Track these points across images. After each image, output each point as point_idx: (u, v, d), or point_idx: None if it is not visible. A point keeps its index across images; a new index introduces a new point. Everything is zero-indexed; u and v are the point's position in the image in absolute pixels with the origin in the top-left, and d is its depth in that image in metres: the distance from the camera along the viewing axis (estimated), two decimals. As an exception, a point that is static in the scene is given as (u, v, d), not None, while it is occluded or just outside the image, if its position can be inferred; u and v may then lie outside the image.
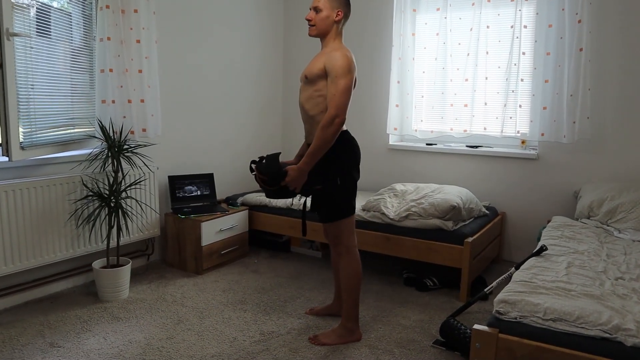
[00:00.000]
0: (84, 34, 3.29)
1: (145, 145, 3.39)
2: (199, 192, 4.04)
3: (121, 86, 3.32)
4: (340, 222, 2.68)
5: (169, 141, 3.93)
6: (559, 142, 3.72)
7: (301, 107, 2.68)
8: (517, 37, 3.82)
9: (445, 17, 4.09)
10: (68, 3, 3.20)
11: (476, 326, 2.03)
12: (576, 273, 2.37)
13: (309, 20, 2.64)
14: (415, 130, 4.36)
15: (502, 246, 4.12)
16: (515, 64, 3.85)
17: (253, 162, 2.67)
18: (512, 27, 3.83)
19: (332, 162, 2.59)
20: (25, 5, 2.85)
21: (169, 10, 3.82)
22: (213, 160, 4.37)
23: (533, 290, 2.13)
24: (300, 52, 4.98)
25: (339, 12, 2.60)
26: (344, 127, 2.66)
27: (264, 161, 2.62)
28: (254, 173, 2.66)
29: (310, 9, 2.65)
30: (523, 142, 4.06)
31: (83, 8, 3.28)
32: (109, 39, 3.20)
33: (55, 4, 3.11)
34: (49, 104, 3.06)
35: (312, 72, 2.57)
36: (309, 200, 2.76)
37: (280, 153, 2.64)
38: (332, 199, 2.65)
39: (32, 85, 2.91)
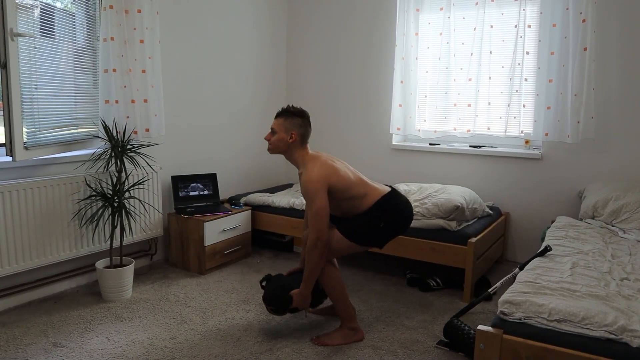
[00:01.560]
0: (87, 34, 3.29)
1: (148, 145, 3.39)
2: (202, 192, 4.04)
3: (124, 86, 3.32)
4: (352, 243, 2.73)
5: (172, 141, 3.93)
6: (563, 142, 3.71)
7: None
8: (521, 37, 3.81)
9: (449, 17, 4.07)
10: (72, 3, 3.20)
11: (480, 327, 2.03)
12: (581, 273, 2.36)
13: (267, 140, 2.79)
14: (419, 130, 4.35)
15: (505, 246, 4.11)
16: (519, 64, 3.84)
17: (262, 280, 2.88)
18: (515, 26, 3.82)
19: (385, 209, 2.70)
20: (29, 6, 2.85)
21: (172, 10, 3.82)
22: (216, 160, 4.37)
23: (537, 291, 2.12)
24: (304, 52, 4.98)
25: (293, 134, 2.71)
26: (382, 194, 2.75)
27: (267, 283, 2.83)
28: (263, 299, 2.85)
29: (270, 130, 2.80)
30: (527, 142, 4.05)
31: (87, 8, 3.28)
32: (112, 39, 3.21)
33: (59, 5, 3.11)
34: (53, 104, 3.06)
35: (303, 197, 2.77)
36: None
37: (281, 275, 2.86)
38: (365, 228, 2.71)
39: (35, 85, 2.91)
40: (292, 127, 2.72)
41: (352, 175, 2.74)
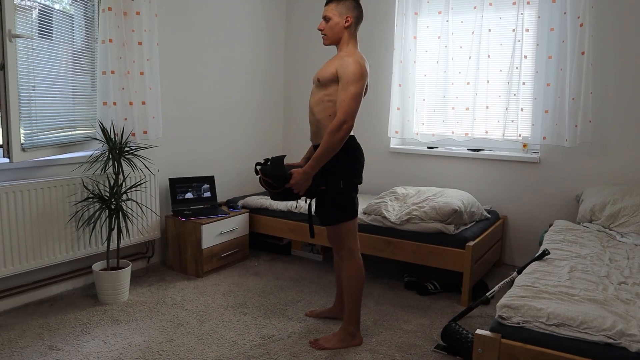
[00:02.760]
0: (85, 36, 3.29)
1: (146, 148, 3.38)
2: (199, 195, 4.03)
3: (123, 88, 3.31)
4: (341, 225, 2.67)
5: (170, 143, 3.93)
6: (561, 146, 3.71)
7: (310, 110, 2.68)
8: (519, 41, 3.81)
9: (447, 21, 4.08)
10: (70, 5, 3.20)
11: (479, 331, 2.02)
12: (579, 277, 2.35)
13: (321, 30, 2.65)
14: (417, 134, 4.36)
15: (503, 250, 4.11)
16: (517, 68, 3.85)
17: (258, 164, 2.67)
18: (514, 30, 3.82)
19: (336, 165, 2.59)
20: (27, 7, 2.84)
21: (170, 13, 3.81)
22: (214, 163, 4.36)
23: (536, 295, 2.11)
24: (302, 54, 4.98)
25: (348, 18, 2.59)
26: (351, 133, 2.64)
27: (268, 163, 2.62)
28: (258, 175, 2.66)
29: (322, 18, 2.66)
30: (524, 145, 4.05)
31: (85, 10, 3.27)
32: (110, 41, 3.20)
33: (57, 6, 3.11)
34: (50, 105, 3.05)
35: (324, 75, 2.57)
36: (314, 202, 2.79)
37: (285, 156, 2.64)
38: (334, 201, 2.64)
39: (33, 86, 2.90)
40: (346, 11, 2.59)
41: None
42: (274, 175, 2.56)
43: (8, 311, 3.03)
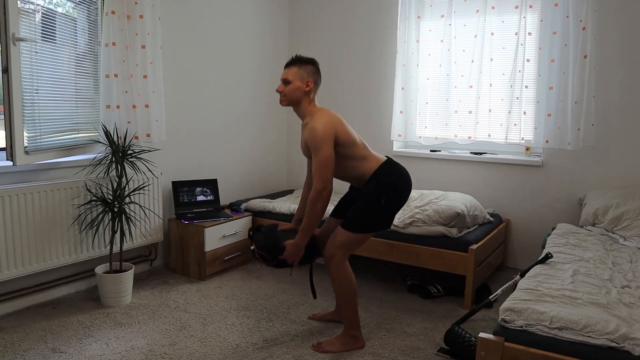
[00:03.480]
0: (88, 39, 3.30)
1: (149, 151, 3.39)
2: (202, 198, 4.04)
3: (126, 91, 3.32)
4: (357, 235, 2.69)
5: (173, 146, 3.94)
6: (564, 149, 3.71)
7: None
8: (522, 44, 3.82)
9: (450, 24, 4.09)
10: (73, 9, 3.21)
11: (482, 334, 2.02)
12: (582, 281, 2.35)
13: (280, 92, 2.71)
14: (420, 137, 4.35)
15: (506, 253, 4.10)
16: (519, 71, 3.85)
17: (251, 230, 2.78)
18: (516, 34, 3.83)
19: (385, 184, 2.65)
20: (30, 11, 2.86)
21: (174, 16, 3.83)
22: (217, 166, 4.37)
23: (539, 299, 2.11)
24: (304, 58, 4.98)
25: (309, 83, 2.67)
26: (383, 158, 2.76)
27: (262, 229, 2.71)
28: (252, 247, 2.75)
29: (280, 81, 2.73)
30: (527, 148, 4.05)
31: (88, 13, 3.29)
32: (114, 44, 3.21)
33: (60, 9, 3.12)
34: (54, 108, 3.06)
35: (305, 149, 2.70)
36: (314, 263, 2.88)
37: (277, 225, 2.76)
38: (367, 213, 2.66)
39: (37, 89, 2.91)
40: (307, 76, 2.67)
41: (355, 135, 2.72)
42: (266, 246, 2.66)
43: (11, 314, 3.04)
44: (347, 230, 2.67)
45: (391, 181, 2.67)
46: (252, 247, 2.78)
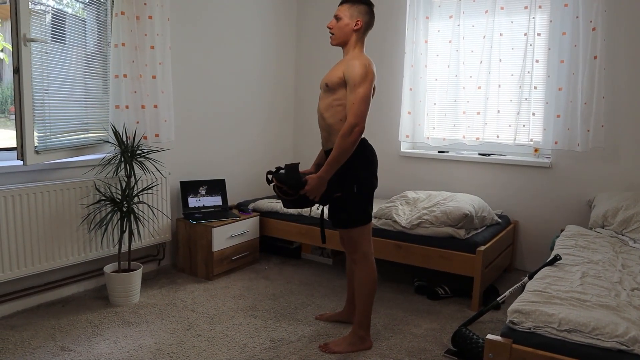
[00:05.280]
0: (97, 40, 3.32)
1: (157, 151, 3.41)
2: (210, 198, 4.05)
3: (135, 92, 3.34)
4: (356, 230, 2.67)
5: (182, 147, 3.95)
6: (573, 151, 3.69)
7: (320, 115, 2.68)
8: (531, 45, 3.80)
9: (458, 25, 4.08)
10: (83, 9, 3.23)
11: (489, 336, 2.01)
12: (591, 283, 2.34)
13: (330, 28, 2.65)
14: (427, 138, 4.35)
15: (514, 255, 4.08)
16: (528, 72, 3.83)
17: (269, 172, 2.66)
18: (525, 34, 3.81)
19: (349, 169, 2.59)
20: (41, 12, 2.88)
21: (183, 17, 3.85)
22: (225, 166, 4.38)
23: (547, 301, 2.10)
24: (313, 58, 4.99)
25: (359, 22, 2.60)
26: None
27: (281, 171, 2.61)
28: (272, 184, 2.64)
29: (333, 17, 2.66)
30: (536, 150, 4.03)
31: (97, 14, 3.31)
32: (123, 44, 3.23)
33: (70, 10, 3.14)
34: (63, 108, 3.08)
35: (332, 80, 2.58)
36: (326, 208, 2.79)
37: (299, 163, 2.64)
38: (349, 206, 2.64)
39: (47, 90, 2.93)
40: (358, 14, 2.60)
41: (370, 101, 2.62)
42: (289, 181, 2.55)
43: (21, 312, 3.06)
44: (347, 228, 2.67)
45: (357, 167, 2.61)
46: (272, 185, 2.65)
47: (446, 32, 4.19)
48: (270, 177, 2.64)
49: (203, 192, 4.02)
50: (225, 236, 3.77)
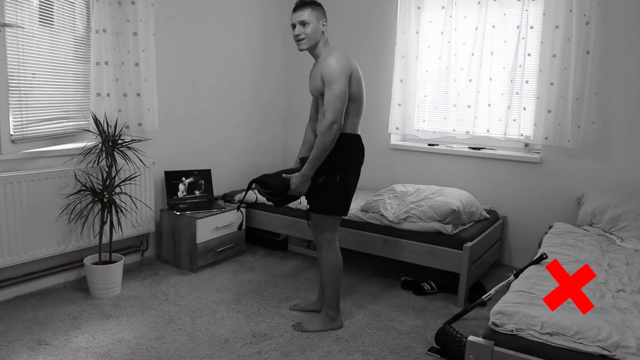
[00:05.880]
0: (85, 25, 3.22)
1: (140, 140, 3.33)
2: (195, 188, 3.98)
3: (117, 79, 3.26)
4: (328, 218, 2.77)
5: (166, 136, 3.87)
6: (563, 147, 3.64)
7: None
8: (523, 38, 3.74)
9: (450, 16, 4.00)
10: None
11: (471, 338, 1.98)
12: (576, 284, 2.30)
13: (297, 35, 2.68)
14: (417, 130, 4.29)
15: (502, 251, 4.05)
16: (520, 66, 3.77)
17: (254, 181, 2.76)
18: (518, 27, 3.74)
19: (336, 159, 2.67)
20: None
21: (167, 3, 3.74)
22: (211, 156, 4.30)
23: (531, 302, 2.06)
24: (303, 47, 4.90)
25: (324, 23, 2.70)
26: (358, 132, 2.79)
27: (263, 178, 2.73)
28: (254, 188, 2.77)
29: (294, 25, 2.69)
30: (526, 145, 3.98)
31: (84, -1, 3.22)
32: (104, 30, 3.14)
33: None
34: (42, 95, 3.00)
35: (318, 85, 2.68)
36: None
37: (281, 171, 2.80)
38: (328, 192, 2.71)
39: (24, 76, 2.84)
40: (322, 16, 2.69)
41: (363, 96, 2.74)
42: (273, 185, 2.67)
43: (-2, 304, 3.01)
44: (320, 214, 2.77)
45: (344, 159, 2.70)
46: (254, 189, 2.79)
47: (438, 22, 4.11)
48: (254, 185, 2.75)
49: (188, 182, 3.95)
50: (210, 228, 3.71)
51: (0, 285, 3.02)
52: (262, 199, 4.02)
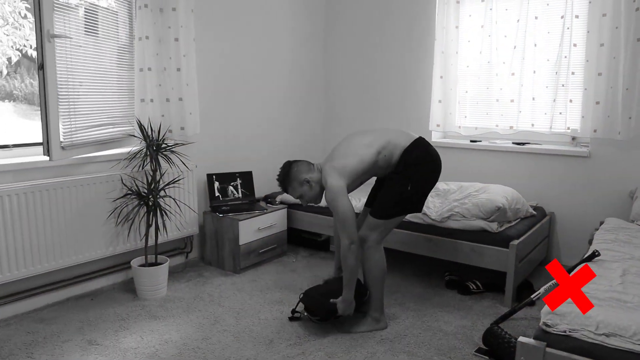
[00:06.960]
0: (129, 33, 3.30)
1: (183, 144, 3.39)
2: (237, 190, 4.02)
3: (159, 85, 3.32)
4: (387, 221, 2.78)
5: (208, 139, 3.93)
6: (613, 139, 3.50)
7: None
8: (568, 28, 3.62)
9: (491, 9, 3.91)
10: (115, 2, 3.21)
11: (521, 339, 1.91)
12: (632, 282, 2.20)
13: (303, 203, 2.93)
14: (459, 127, 4.21)
15: (550, 248, 3.93)
16: (565, 57, 3.65)
17: (301, 294, 2.97)
18: (562, 17, 3.63)
19: (414, 169, 2.73)
20: (73, 6, 2.88)
21: (207, 8, 3.80)
22: (252, 158, 4.34)
23: (584, 301, 1.99)
24: (341, 46, 4.89)
25: (306, 181, 2.82)
26: (397, 155, 2.77)
27: (304, 296, 2.93)
28: (300, 314, 2.96)
29: (295, 198, 2.91)
30: (573, 138, 3.85)
31: (128, 7, 3.29)
32: (147, 37, 3.21)
33: (102, 3, 3.12)
34: (89, 103, 3.08)
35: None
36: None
37: (321, 286, 3.03)
38: (394, 198, 2.76)
39: (72, 85, 2.93)
40: (300, 179, 2.82)
41: (363, 146, 2.78)
42: (321, 314, 2.84)
43: (50, 305, 3.11)
44: (376, 218, 2.77)
45: (416, 163, 2.73)
46: (304, 314, 2.96)
47: (478, 16, 4.02)
48: (301, 311, 2.96)
49: (230, 185, 3.99)
50: (253, 229, 3.74)
51: (53, 287, 3.12)
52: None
